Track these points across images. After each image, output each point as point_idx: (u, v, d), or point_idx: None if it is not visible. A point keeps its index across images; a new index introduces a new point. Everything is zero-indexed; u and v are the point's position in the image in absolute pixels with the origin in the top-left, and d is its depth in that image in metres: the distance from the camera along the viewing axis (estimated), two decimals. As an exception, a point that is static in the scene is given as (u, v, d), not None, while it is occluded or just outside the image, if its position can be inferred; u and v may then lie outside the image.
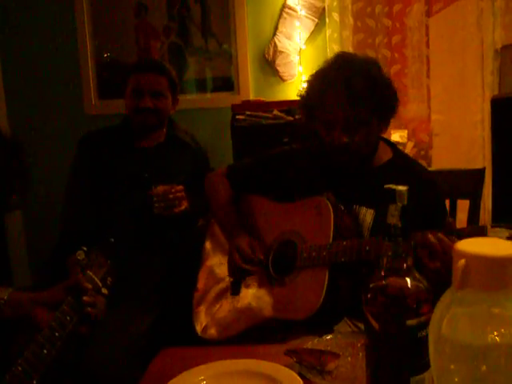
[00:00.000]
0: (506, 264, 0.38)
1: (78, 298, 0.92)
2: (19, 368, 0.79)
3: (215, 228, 1.40)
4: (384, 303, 0.57)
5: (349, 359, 0.76)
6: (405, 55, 2.70)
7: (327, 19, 2.40)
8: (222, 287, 1.29)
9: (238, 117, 2.09)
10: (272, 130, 2.07)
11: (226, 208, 1.35)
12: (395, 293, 0.56)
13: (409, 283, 0.56)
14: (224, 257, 1.33)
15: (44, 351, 0.81)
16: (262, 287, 1.20)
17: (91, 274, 1.00)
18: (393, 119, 1.22)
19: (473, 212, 1.50)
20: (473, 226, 1.14)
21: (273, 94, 2.45)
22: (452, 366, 0.43)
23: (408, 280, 0.57)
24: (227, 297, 1.27)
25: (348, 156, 1.16)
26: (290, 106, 2.12)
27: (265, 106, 2.16)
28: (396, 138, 4.01)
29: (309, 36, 2.44)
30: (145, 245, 1.57)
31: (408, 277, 0.57)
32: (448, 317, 0.40)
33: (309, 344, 0.81)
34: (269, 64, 2.45)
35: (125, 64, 2.44)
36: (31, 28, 2.47)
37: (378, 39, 2.60)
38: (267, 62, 2.45)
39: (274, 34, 2.43)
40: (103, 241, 1.53)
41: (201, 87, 2.51)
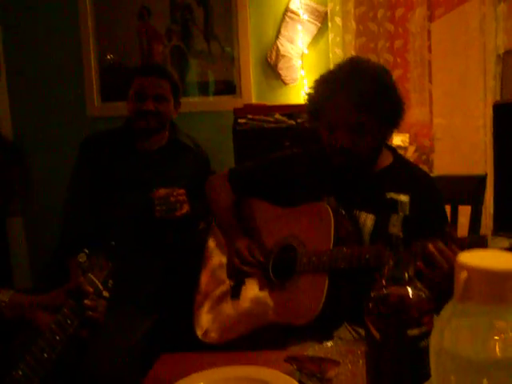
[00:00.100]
0: (508, 277, 0.38)
1: (79, 302, 0.91)
2: (20, 372, 0.79)
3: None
4: (385, 313, 0.57)
5: (349, 366, 0.76)
6: (407, 60, 2.70)
7: (329, 23, 2.40)
8: (223, 290, 1.29)
9: (240, 120, 2.09)
10: (274, 134, 2.07)
11: (227, 211, 1.36)
12: (396, 302, 0.56)
13: (410, 293, 0.56)
14: (225, 257, 1.33)
15: (44, 355, 0.81)
16: (263, 292, 1.20)
17: (92, 277, 1.00)
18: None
19: (474, 218, 1.50)
20: (473, 236, 1.14)
21: (275, 98, 2.45)
22: (452, 378, 0.43)
23: (409, 290, 0.56)
24: (227, 300, 1.27)
25: (349, 159, 1.16)
26: (292, 110, 2.12)
27: (267, 110, 2.16)
28: (397, 142, 4.01)
29: (311, 40, 2.44)
30: (146, 248, 1.57)
31: (409, 286, 0.57)
32: (449, 329, 0.40)
33: (309, 351, 0.81)
34: (271, 68, 2.46)
35: (127, 67, 2.45)
36: (35, 31, 2.48)
37: (380, 44, 2.60)
38: (269, 66, 2.46)
39: (277, 38, 2.44)
40: (104, 243, 1.54)
41: (203, 90, 2.51)
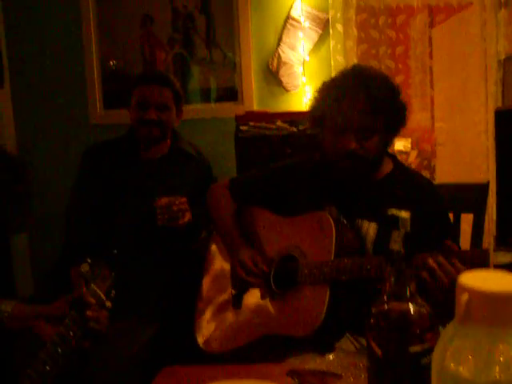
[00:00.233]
0: (510, 300, 0.38)
1: (82, 313, 0.91)
2: (22, 386, 0.79)
3: None
4: (386, 329, 0.56)
5: (351, 380, 0.76)
6: (408, 66, 2.72)
7: (331, 30, 2.41)
8: (225, 299, 1.29)
9: (242, 127, 2.10)
10: (275, 141, 2.07)
11: (228, 221, 1.35)
12: (398, 319, 0.56)
13: (412, 309, 0.56)
14: (227, 263, 1.32)
15: (47, 367, 0.81)
16: (264, 302, 1.20)
17: (95, 288, 1.00)
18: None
19: (477, 226, 1.50)
20: (475, 250, 1.13)
21: (276, 105, 2.46)
22: (455, 397, 0.43)
23: (411, 306, 0.56)
24: (229, 310, 1.27)
25: (356, 163, 1.16)
26: (294, 117, 2.13)
27: (268, 117, 2.16)
28: (399, 147, 4.01)
29: (312, 47, 2.45)
30: (148, 256, 1.57)
31: (411, 303, 0.57)
32: (451, 350, 0.40)
33: (310, 364, 0.81)
34: (273, 75, 2.47)
35: (130, 74, 2.46)
36: (38, 38, 2.50)
37: (382, 50, 2.61)
38: (271, 73, 2.47)
39: (278, 45, 2.45)
40: (107, 252, 1.54)
41: (205, 97, 2.52)
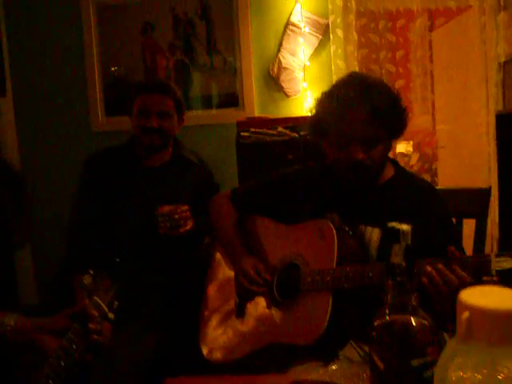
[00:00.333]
0: (511, 318, 0.38)
1: (84, 325, 0.91)
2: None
3: None
4: (388, 342, 0.56)
5: (354, 390, 0.76)
6: (409, 70, 2.72)
7: (331, 35, 2.42)
8: (229, 307, 1.29)
9: (243, 134, 2.10)
10: (277, 147, 2.08)
11: (230, 231, 1.36)
12: (399, 332, 0.56)
13: (413, 322, 0.56)
14: (232, 272, 1.32)
15: (50, 381, 0.81)
16: (267, 311, 1.20)
17: (98, 300, 1.00)
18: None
19: (479, 231, 1.49)
20: (476, 255, 1.13)
21: (277, 110, 2.47)
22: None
23: (413, 319, 0.56)
24: (233, 319, 1.27)
25: (363, 173, 1.16)
26: (295, 123, 2.13)
27: (269, 123, 2.17)
28: (401, 150, 4.01)
29: (313, 52, 2.46)
30: (150, 264, 1.57)
31: (412, 316, 0.57)
32: (453, 367, 0.40)
33: (313, 374, 0.81)
34: (273, 80, 2.47)
35: (131, 81, 2.48)
36: (39, 47, 2.52)
37: (382, 54, 2.62)
38: (272, 79, 2.48)
39: (278, 51, 2.45)
40: (109, 260, 1.54)
41: (206, 103, 2.53)
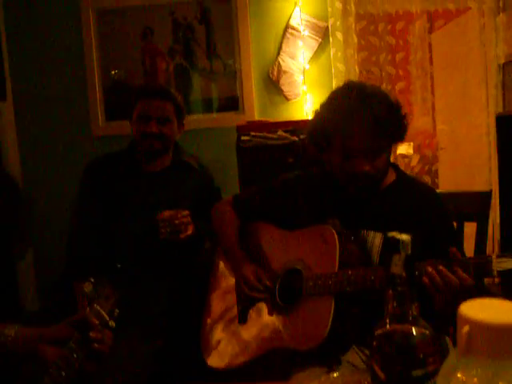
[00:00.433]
0: (511, 332, 0.38)
1: (85, 334, 0.91)
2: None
3: None
4: (389, 353, 0.56)
5: (356, 398, 0.76)
6: (409, 72, 2.72)
7: (331, 38, 2.42)
8: (231, 316, 1.29)
9: (243, 138, 2.10)
10: (277, 151, 2.08)
11: (232, 237, 1.36)
12: (400, 342, 0.56)
13: (414, 332, 0.56)
14: (234, 280, 1.32)
15: (51, 392, 0.81)
16: (269, 316, 1.20)
17: (98, 308, 1.00)
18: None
19: (480, 234, 1.49)
20: (477, 257, 1.13)
21: (278, 114, 2.47)
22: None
23: (413, 329, 0.56)
24: (235, 326, 1.27)
25: (367, 183, 1.16)
26: (295, 126, 2.13)
27: (269, 127, 2.17)
28: (402, 151, 4.01)
29: (312, 55, 2.46)
30: (151, 270, 1.57)
31: (413, 326, 0.56)
32: (454, 381, 0.40)
33: (315, 383, 0.81)
34: (273, 84, 2.48)
35: (131, 85, 2.48)
36: (39, 51, 2.52)
37: (382, 57, 2.62)
38: (272, 82, 2.48)
39: (278, 54, 2.46)
40: (110, 266, 1.54)
41: (206, 107, 2.54)
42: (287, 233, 1.28)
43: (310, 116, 1.30)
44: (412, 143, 3.78)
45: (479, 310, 0.39)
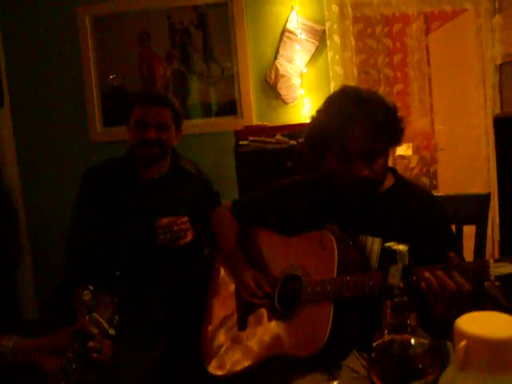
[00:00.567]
0: (508, 346, 0.37)
1: (84, 344, 0.91)
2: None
3: None
4: (388, 364, 0.56)
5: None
6: (406, 74, 2.72)
7: (328, 42, 2.42)
8: (231, 323, 1.29)
9: (242, 142, 2.10)
10: (275, 155, 2.08)
11: (231, 243, 1.36)
12: (399, 353, 0.56)
13: (413, 343, 0.56)
14: (234, 286, 1.32)
15: (50, 403, 0.81)
16: (269, 323, 1.20)
17: (97, 317, 0.99)
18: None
19: (479, 237, 1.49)
20: (475, 261, 1.13)
21: (276, 117, 2.47)
22: None
23: (412, 340, 0.56)
24: (235, 332, 1.27)
25: (367, 187, 1.16)
26: (293, 130, 2.14)
27: (267, 131, 2.17)
28: (401, 152, 4.01)
29: (310, 59, 2.46)
30: (151, 277, 1.57)
31: (412, 337, 0.56)
32: (452, 395, 0.40)
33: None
34: (271, 87, 2.48)
35: (129, 91, 2.48)
36: (37, 57, 2.52)
37: (380, 59, 2.62)
38: (269, 86, 2.48)
39: (275, 58, 2.46)
40: (109, 273, 1.54)
41: (205, 112, 2.54)
42: (286, 238, 1.28)
43: (308, 120, 1.30)
44: (411, 144, 3.78)
45: (476, 325, 0.39)
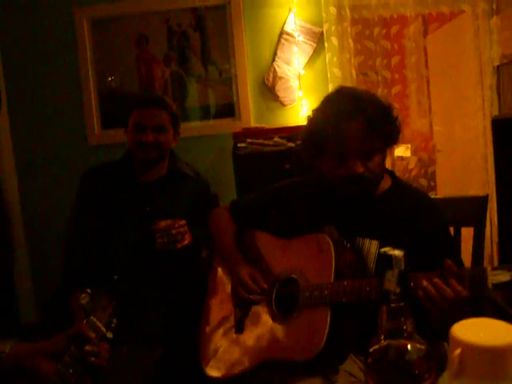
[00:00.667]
0: (503, 354, 0.37)
1: (81, 348, 0.91)
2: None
3: None
4: (384, 369, 0.56)
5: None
6: (404, 75, 2.72)
7: (326, 44, 2.42)
8: (229, 324, 1.29)
9: (240, 145, 2.10)
10: (273, 157, 2.08)
11: (228, 241, 1.36)
12: (395, 359, 0.56)
13: (409, 349, 0.56)
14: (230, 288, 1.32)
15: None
16: (266, 326, 1.19)
17: (95, 321, 0.99)
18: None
19: (477, 239, 1.49)
20: (473, 268, 1.13)
21: (274, 119, 2.47)
22: None
23: (408, 346, 0.56)
24: (233, 334, 1.26)
25: (363, 186, 1.16)
26: (291, 132, 2.13)
27: (266, 133, 2.17)
28: (400, 153, 4.01)
29: (307, 61, 2.47)
30: (148, 280, 1.56)
31: (408, 342, 0.56)
32: (447, 402, 0.40)
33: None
34: (269, 90, 2.48)
35: (127, 93, 2.48)
36: (34, 61, 2.52)
37: (378, 61, 2.62)
38: (267, 88, 2.48)
39: (273, 60, 2.46)
40: (106, 277, 1.54)
41: (203, 114, 2.54)
42: (284, 241, 1.28)
43: (304, 131, 1.30)
44: (410, 145, 3.78)
45: (471, 332, 0.39)
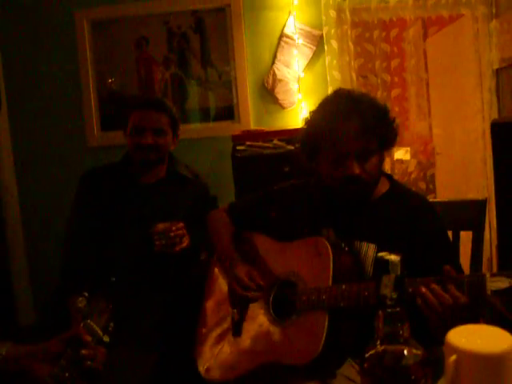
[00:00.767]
0: (498, 361, 0.37)
1: (78, 351, 0.90)
2: None
3: None
4: (380, 375, 0.56)
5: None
6: (404, 78, 2.73)
7: (326, 46, 2.42)
8: (226, 326, 1.28)
9: (239, 147, 2.10)
10: (273, 160, 2.08)
11: (226, 241, 1.36)
12: (392, 364, 0.56)
13: (406, 354, 0.56)
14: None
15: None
16: (263, 330, 1.19)
17: (92, 324, 0.98)
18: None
19: (476, 242, 1.49)
20: (472, 275, 1.12)
21: (273, 122, 2.47)
22: None
23: (405, 351, 0.56)
24: (230, 337, 1.26)
25: (359, 186, 1.16)
26: (290, 135, 2.13)
27: (265, 136, 2.17)
28: (399, 156, 4.01)
29: (307, 63, 2.47)
30: (147, 282, 1.56)
31: (405, 347, 0.56)
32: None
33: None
34: (268, 92, 2.48)
35: (126, 96, 2.48)
36: (35, 61, 2.52)
37: (378, 64, 2.62)
38: (267, 91, 2.48)
39: (273, 63, 2.46)
40: (105, 279, 1.53)
41: (203, 116, 2.54)
42: (282, 244, 1.28)
43: (301, 132, 1.31)
44: (409, 148, 3.78)
45: (467, 339, 0.39)
